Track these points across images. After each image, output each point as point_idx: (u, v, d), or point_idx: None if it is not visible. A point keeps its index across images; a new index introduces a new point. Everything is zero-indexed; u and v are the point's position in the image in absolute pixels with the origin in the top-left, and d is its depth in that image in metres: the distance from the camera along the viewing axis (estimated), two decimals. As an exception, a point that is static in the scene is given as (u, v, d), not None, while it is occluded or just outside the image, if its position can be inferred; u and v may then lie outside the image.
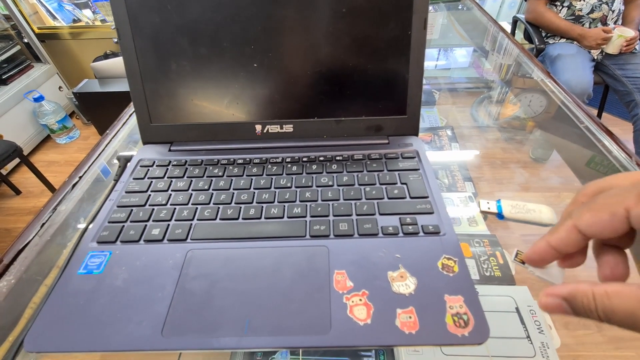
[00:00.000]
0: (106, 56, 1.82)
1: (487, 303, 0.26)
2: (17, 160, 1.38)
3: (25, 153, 1.46)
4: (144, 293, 0.27)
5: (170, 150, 0.42)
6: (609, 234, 0.17)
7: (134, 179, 0.38)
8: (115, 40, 1.85)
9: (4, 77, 1.70)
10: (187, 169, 0.39)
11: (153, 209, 0.34)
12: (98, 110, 1.75)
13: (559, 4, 1.29)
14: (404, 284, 0.26)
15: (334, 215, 0.33)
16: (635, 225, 0.16)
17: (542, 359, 0.31)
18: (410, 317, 0.24)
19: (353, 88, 0.39)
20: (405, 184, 0.35)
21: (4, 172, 1.56)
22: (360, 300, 0.26)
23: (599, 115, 1.56)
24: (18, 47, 1.82)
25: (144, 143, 0.42)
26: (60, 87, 1.98)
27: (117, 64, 1.70)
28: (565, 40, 1.32)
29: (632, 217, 0.16)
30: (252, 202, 0.34)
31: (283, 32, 0.37)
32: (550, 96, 0.62)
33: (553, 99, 0.61)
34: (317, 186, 0.36)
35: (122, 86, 1.66)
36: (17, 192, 1.59)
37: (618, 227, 0.17)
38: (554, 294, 0.19)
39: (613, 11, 1.24)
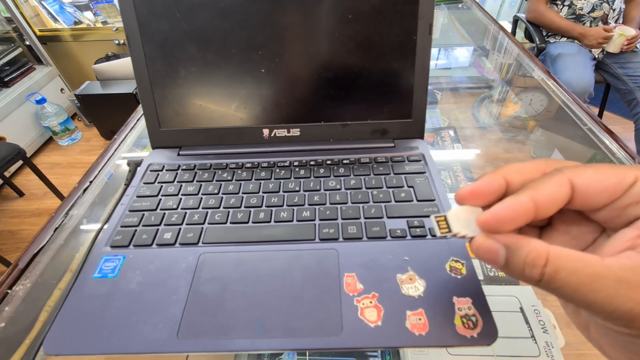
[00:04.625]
0: (107, 58, 1.83)
1: (491, 303, 0.26)
2: (20, 163, 1.39)
3: (28, 155, 1.47)
4: (159, 296, 0.28)
5: (179, 154, 0.42)
6: (603, 200, 0.16)
7: (144, 183, 0.39)
8: (117, 42, 1.86)
9: (6, 80, 1.71)
10: (196, 173, 0.39)
11: (164, 213, 0.35)
12: (100, 112, 1.76)
13: (559, 3, 1.30)
14: (413, 286, 0.27)
15: (343, 219, 0.33)
16: (635, 197, 0.16)
17: (546, 359, 0.31)
18: (420, 319, 0.25)
19: (359, 92, 0.40)
20: (411, 187, 0.36)
21: (7, 174, 1.57)
22: (371, 302, 0.26)
23: (600, 113, 1.56)
24: (20, 50, 1.82)
25: (153, 148, 0.43)
26: (62, 89, 1.98)
27: (118, 65, 1.71)
28: (566, 39, 1.32)
29: (638, 188, 0.15)
30: (261, 206, 0.35)
31: (290, 38, 0.38)
32: (551, 95, 0.62)
33: (554, 98, 0.62)
34: (325, 190, 0.36)
35: (124, 88, 1.66)
36: (20, 194, 1.60)
37: (617, 194, 0.16)
38: (498, 237, 0.17)
39: (614, 10, 1.24)
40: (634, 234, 0.15)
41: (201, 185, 0.38)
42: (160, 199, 0.37)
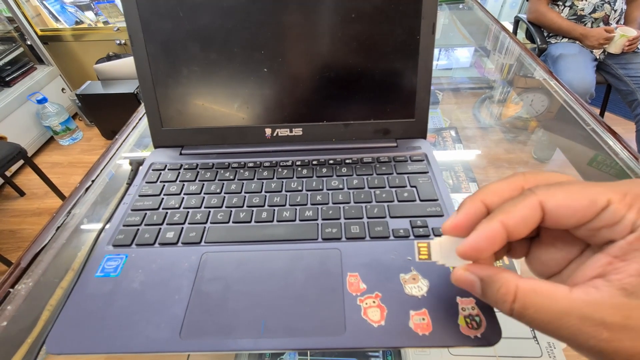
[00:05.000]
0: (109, 58, 1.83)
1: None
2: (21, 162, 1.39)
3: (29, 155, 1.47)
4: (161, 295, 0.28)
5: (181, 154, 0.42)
6: (574, 222, 0.16)
7: (146, 182, 0.39)
8: (118, 41, 1.86)
9: (7, 79, 1.71)
10: (198, 172, 0.39)
11: (167, 213, 0.35)
12: (101, 111, 1.76)
13: (560, 3, 1.30)
14: (416, 286, 0.27)
15: (345, 218, 0.33)
16: (607, 220, 0.16)
17: (549, 359, 0.31)
18: (423, 319, 0.25)
19: (362, 92, 0.40)
20: (414, 187, 0.36)
21: (8, 174, 1.57)
22: (374, 302, 0.26)
23: (602, 114, 1.56)
24: (21, 49, 1.83)
25: (155, 147, 0.43)
26: (63, 89, 1.99)
27: (119, 65, 1.71)
28: (567, 39, 1.32)
29: (610, 211, 0.15)
30: (263, 206, 0.35)
31: (293, 38, 0.38)
32: (553, 95, 0.62)
33: (555, 98, 0.61)
34: (328, 189, 0.36)
35: (125, 88, 1.67)
36: (21, 193, 1.60)
37: (588, 217, 0.16)
38: (473, 270, 0.18)
39: (615, 11, 1.24)
40: (604, 260, 0.16)
41: (203, 184, 0.38)
42: (163, 198, 0.36)
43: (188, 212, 0.35)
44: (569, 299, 0.15)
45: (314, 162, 0.40)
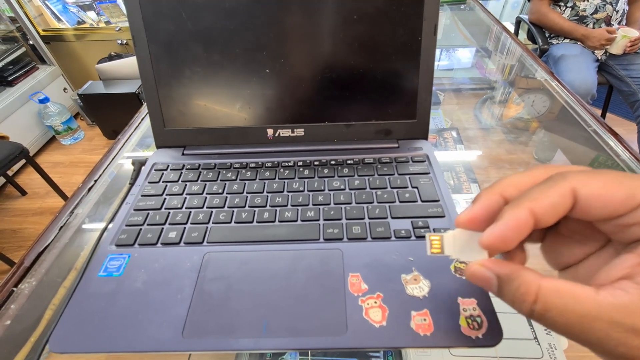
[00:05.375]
0: (110, 58, 1.83)
1: (495, 304, 0.26)
2: (22, 161, 1.39)
3: (31, 154, 1.47)
4: (164, 295, 0.28)
5: (183, 154, 0.42)
6: (607, 214, 0.15)
7: (149, 182, 0.39)
8: (120, 41, 1.87)
9: (9, 79, 1.72)
10: (200, 172, 0.40)
11: (169, 213, 0.35)
12: (102, 111, 1.77)
13: (562, 4, 1.29)
14: (418, 286, 0.27)
15: (347, 219, 0.33)
16: None
17: (550, 360, 0.31)
18: (424, 320, 0.25)
19: (363, 93, 0.40)
20: (416, 187, 0.36)
21: (9, 173, 1.57)
22: (375, 302, 0.26)
23: (603, 115, 1.56)
24: (23, 49, 1.83)
25: (158, 147, 0.43)
26: (65, 89, 1.99)
27: (121, 65, 1.72)
28: (569, 40, 1.32)
29: None
30: (265, 206, 0.35)
31: (295, 39, 0.38)
32: (554, 96, 0.62)
33: (556, 99, 0.61)
34: (330, 190, 0.36)
35: (127, 87, 1.67)
36: (23, 193, 1.60)
37: (621, 211, 0.15)
38: (490, 266, 0.17)
39: (617, 11, 1.24)
40: (633, 261, 0.15)
41: (206, 184, 0.38)
42: (165, 198, 0.37)
43: (190, 212, 0.35)
44: (595, 301, 0.14)
45: (316, 163, 0.40)
